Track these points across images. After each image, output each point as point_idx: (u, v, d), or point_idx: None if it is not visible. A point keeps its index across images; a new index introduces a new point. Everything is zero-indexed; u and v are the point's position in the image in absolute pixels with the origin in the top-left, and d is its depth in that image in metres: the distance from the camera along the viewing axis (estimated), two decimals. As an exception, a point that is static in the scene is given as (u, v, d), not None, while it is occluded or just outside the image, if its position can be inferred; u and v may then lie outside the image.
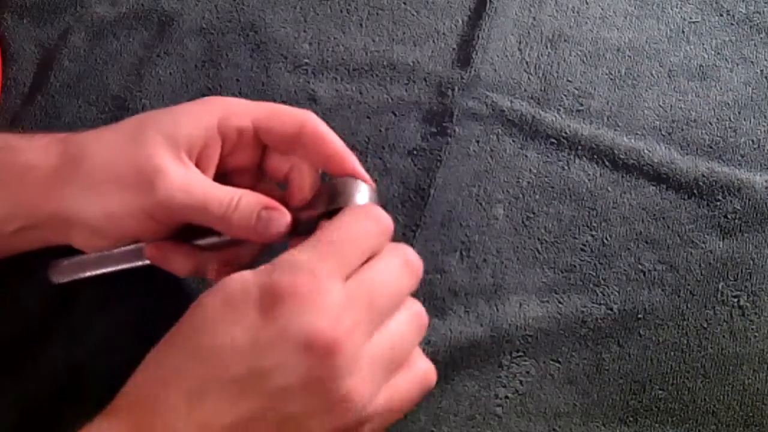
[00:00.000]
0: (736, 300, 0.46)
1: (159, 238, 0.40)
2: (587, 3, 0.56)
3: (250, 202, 0.38)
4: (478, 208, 0.49)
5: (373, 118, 0.52)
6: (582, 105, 0.52)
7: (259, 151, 0.42)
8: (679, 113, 0.52)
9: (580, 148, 0.50)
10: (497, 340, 0.45)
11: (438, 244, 0.48)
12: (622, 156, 0.50)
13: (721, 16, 0.55)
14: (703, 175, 0.49)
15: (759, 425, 0.43)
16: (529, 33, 0.54)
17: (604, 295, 0.46)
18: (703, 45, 0.54)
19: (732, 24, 0.55)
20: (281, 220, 0.39)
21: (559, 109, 0.52)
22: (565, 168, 0.50)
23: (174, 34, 0.55)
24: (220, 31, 0.55)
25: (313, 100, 0.52)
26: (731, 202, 0.48)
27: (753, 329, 0.45)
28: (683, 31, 0.55)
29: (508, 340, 0.45)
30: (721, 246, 0.47)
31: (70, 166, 0.39)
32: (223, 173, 0.41)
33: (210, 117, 0.40)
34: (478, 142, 0.51)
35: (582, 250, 0.48)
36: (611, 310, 0.46)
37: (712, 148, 0.50)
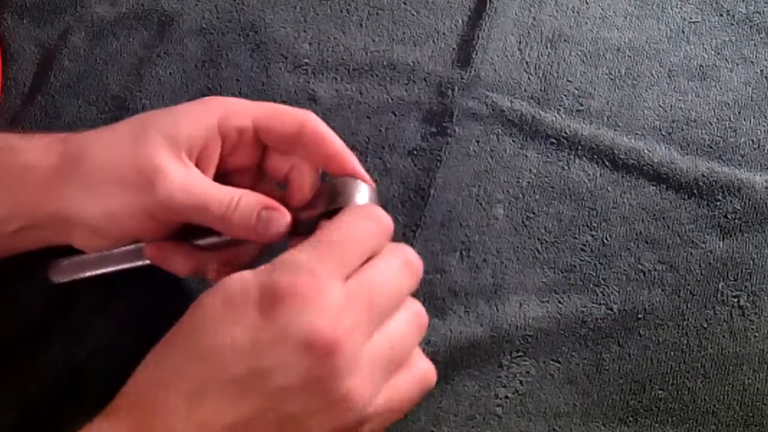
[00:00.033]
0: (736, 300, 0.46)
1: (159, 238, 0.40)
2: (587, 3, 0.56)
3: (250, 202, 0.38)
4: (478, 208, 0.49)
5: (373, 118, 0.52)
6: (582, 105, 0.52)
7: (259, 151, 0.42)
8: (679, 113, 0.52)
9: (580, 148, 0.50)
10: (497, 340, 0.45)
11: (438, 244, 0.48)
12: (622, 156, 0.50)
13: (721, 16, 0.55)
14: (703, 175, 0.49)
15: (759, 425, 0.43)
16: (529, 33, 0.54)
17: (604, 295, 0.46)
18: (703, 45, 0.54)
19: (732, 24, 0.55)
20: (281, 220, 0.39)
21: (559, 109, 0.52)
22: (565, 168, 0.50)
23: (174, 34, 0.55)
24: (220, 31, 0.55)
25: (313, 100, 0.52)
26: (731, 202, 0.48)
27: (753, 329, 0.45)
28: (683, 31, 0.55)
29: (508, 340, 0.45)
30: (721, 246, 0.47)
31: (70, 165, 0.39)
32: (223, 173, 0.41)
33: (210, 117, 0.40)
34: (478, 142, 0.51)
35: (582, 250, 0.48)
36: (611, 310, 0.46)
37: (712, 148, 0.50)
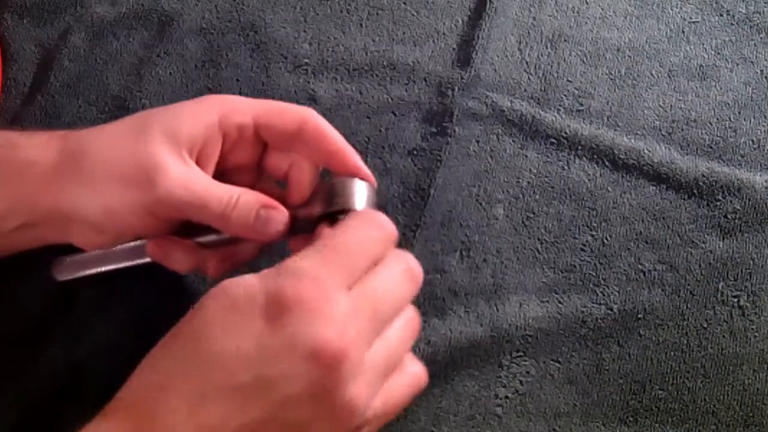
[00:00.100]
0: (736, 300, 0.46)
1: (159, 235, 0.41)
2: (587, 3, 0.56)
3: (248, 200, 0.38)
4: (478, 208, 0.49)
5: (373, 118, 0.52)
6: (582, 105, 0.52)
7: (259, 149, 0.42)
8: (679, 113, 0.52)
9: (580, 148, 0.50)
10: (497, 340, 0.45)
11: (438, 244, 0.48)
12: (622, 156, 0.50)
13: (721, 16, 0.55)
14: (703, 175, 0.49)
15: (759, 425, 0.43)
16: (529, 33, 0.54)
17: (604, 295, 0.46)
18: (703, 45, 0.54)
19: (732, 24, 0.55)
20: (279, 219, 0.39)
21: (559, 109, 0.52)
22: (565, 168, 0.50)
23: (174, 34, 0.55)
24: (220, 31, 0.55)
25: (313, 100, 0.52)
26: (731, 202, 0.48)
27: (753, 329, 0.45)
28: (683, 31, 0.55)
29: (508, 340, 0.45)
30: (721, 246, 0.47)
31: (71, 162, 0.39)
32: (222, 171, 0.41)
33: (211, 114, 0.40)
34: (478, 142, 0.51)
35: (582, 250, 0.48)
36: (611, 310, 0.46)
37: (712, 148, 0.50)
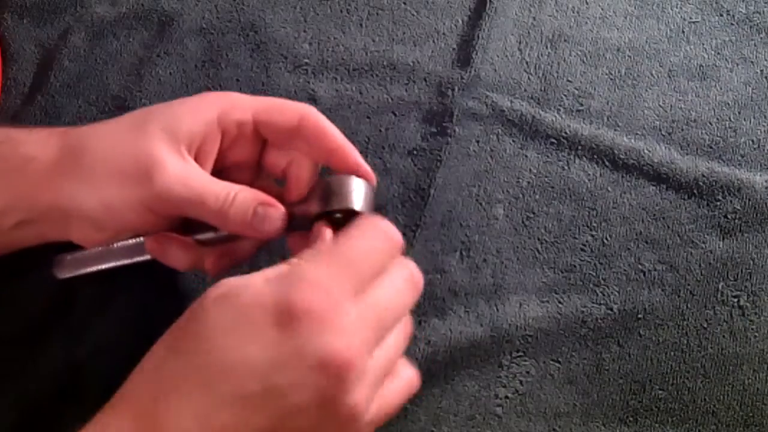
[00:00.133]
0: (736, 300, 0.46)
1: (158, 232, 0.41)
2: (587, 3, 0.56)
3: (246, 197, 0.38)
4: (478, 208, 0.49)
5: (373, 118, 0.52)
6: (582, 105, 0.52)
7: (258, 146, 0.42)
8: (679, 113, 0.52)
9: (580, 148, 0.50)
10: (497, 340, 0.45)
11: (438, 244, 0.48)
12: (622, 156, 0.50)
13: (721, 16, 0.55)
14: (703, 175, 0.49)
15: (759, 425, 0.43)
16: (529, 33, 0.54)
17: (604, 295, 0.46)
18: (703, 45, 0.54)
19: (732, 24, 0.55)
20: (277, 216, 0.39)
21: (559, 109, 0.52)
22: (565, 168, 0.50)
23: (174, 34, 0.55)
24: (220, 31, 0.55)
25: (313, 100, 0.52)
26: (731, 202, 0.48)
27: (753, 329, 0.45)
28: (683, 31, 0.55)
29: (508, 340, 0.45)
30: (721, 246, 0.47)
31: (70, 157, 0.39)
32: (221, 168, 0.41)
33: (210, 111, 0.40)
34: (478, 142, 0.51)
35: (582, 250, 0.48)
36: (611, 310, 0.46)
37: (712, 148, 0.50)
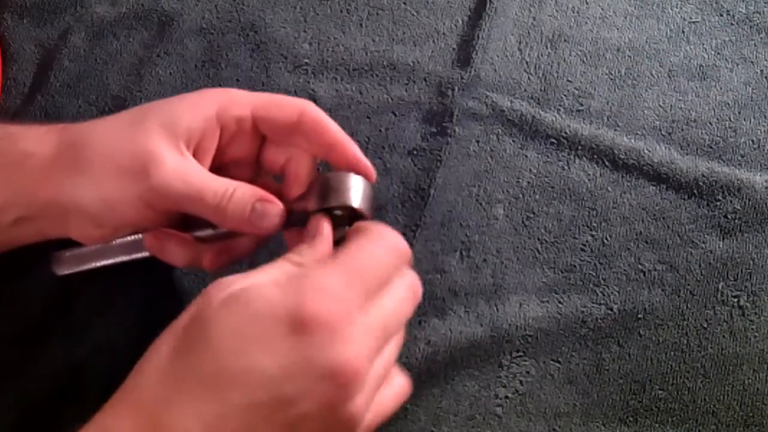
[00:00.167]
0: (736, 300, 0.46)
1: (156, 228, 0.41)
2: (587, 3, 0.56)
3: (245, 193, 0.38)
4: (478, 208, 0.49)
5: (373, 118, 0.52)
6: (582, 105, 0.52)
7: (257, 143, 0.42)
8: (679, 113, 0.52)
9: (580, 148, 0.50)
10: (497, 340, 0.45)
11: (438, 244, 0.48)
12: (622, 156, 0.50)
13: (721, 16, 0.55)
14: (703, 175, 0.49)
15: (759, 425, 0.43)
16: (529, 33, 0.54)
17: (604, 295, 0.46)
18: (703, 45, 0.54)
19: (732, 24, 0.55)
20: (275, 212, 0.39)
21: (559, 109, 0.52)
22: (565, 168, 0.50)
23: (174, 34, 0.55)
24: (220, 31, 0.55)
25: (313, 100, 0.52)
26: (731, 202, 0.48)
27: (753, 329, 0.45)
28: (683, 31, 0.55)
29: (508, 340, 0.45)
30: (721, 246, 0.47)
31: (69, 153, 0.39)
32: (220, 165, 0.41)
33: (209, 107, 0.40)
34: (478, 142, 0.51)
35: (582, 250, 0.48)
36: (611, 310, 0.46)
37: (712, 148, 0.50)
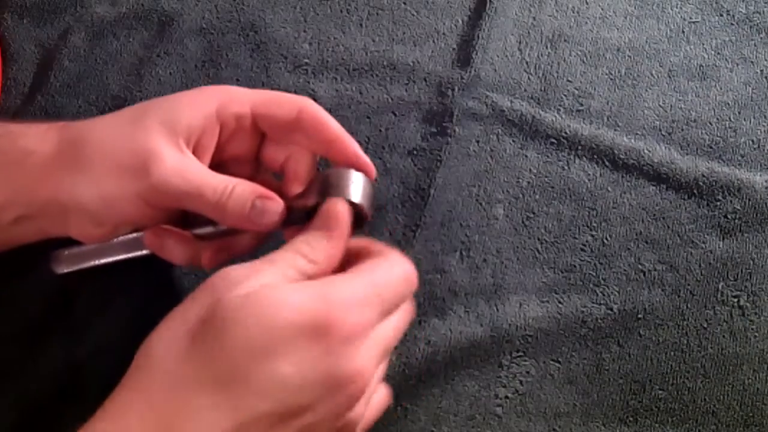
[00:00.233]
0: (736, 300, 0.46)
1: (156, 225, 0.41)
2: (587, 3, 0.56)
3: (244, 190, 0.38)
4: (478, 208, 0.49)
5: (373, 118, 0.52)
6: (582, 105, 0.52)
7: (257, 140, 0.42)
8: (679, 113, 0.52)
9: (580, 148, 0.50)
10: (497, 340, 0.45)
11: (438, 244, 0.48)
12: (622, 156, 0.50)
13: (721, 16, 0.55)
14: (703, 175, 0.49)
15: (759, 425, 0.43)
16: (529, 33, 0.54)
17: (604, 295, 0.46)
18: (703, 45, 0.54)
19: (732, 24, 0.55)
20: (275, 209, 0.39)
21: (559, 109, 0.52)
22: (565, 168, 0.50)
23: (174, 34, 0.55)
24: (220, 31, 0.55)
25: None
26: (731, 202, 0.48)
27: (753, 329, 0.45)
28: (683, 31, 0.55)
29: (508, 340, 0.45)
30: (721, 246, 0.47)
31: (69, 151, 0.39)
32: (219, 162, 0.41)
33: (209, 104, 0.40)
34: (478, 142, 0.51)
35: (582, 250, 0.48)
36: (611, 310, 0.46)
37: (712, 148, 0.50)
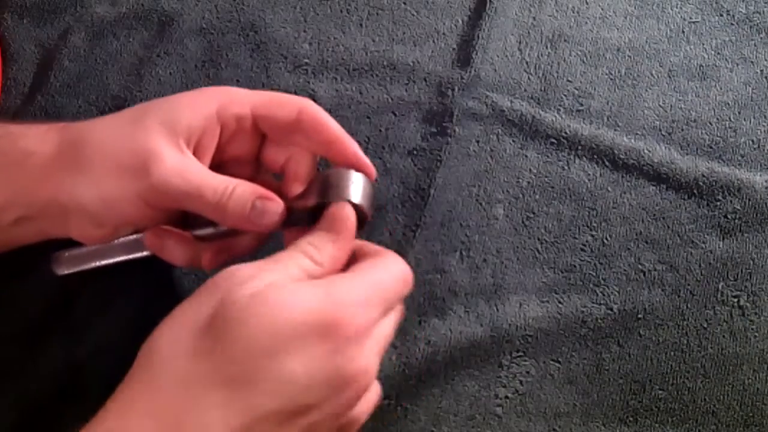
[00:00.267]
0: (736, 300, 0.46)
1: (156, 226, 0.41)
2: (587, 3, 0.56)
3: (245, 191, 0.38)
4: (478, 208, 0.49)
5: (373, 118, 0.52)
6: (582, 105, 0.52)
7: (257, 141, 0.42)
8: (679, 113, 0.52)
9: (580, 148, 0.50)
10: (497, 340, 0.45)
11: (438, 244, 0.48)
12: (622, 156, 0.50)
13: (721, 16, 0.55)
14: (703, 175, 0.49)
15: (759, 425, 0.43)
16: (529, 33, 0.54)
17: (604, 295, 0.46)
18: (703, 45, 0.54)
19: (732, 24, 0.55)
20: (275, 210, 0.39)
21: (559, 109, 0.52)
22: (565, 168, 0.50)
23: (174, 34, 0.55)
24: (220, 31, 0.55)
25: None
26: (731, 202, 0.48)
27: (753, 329, 0.45)
28: (683, 31, 0.55)
29: (508, 340, 0.45)
30: (721, 246, 0.47)
31: (69, 152, 0.39)
32: (220, 163, 0.41)
33: (209, 105, 0.40)
34: (478, 142, 0.51)
35: (582, 250, 0.48)
36: (611, 310, 0.46)
37: (712, 148, 0.50)
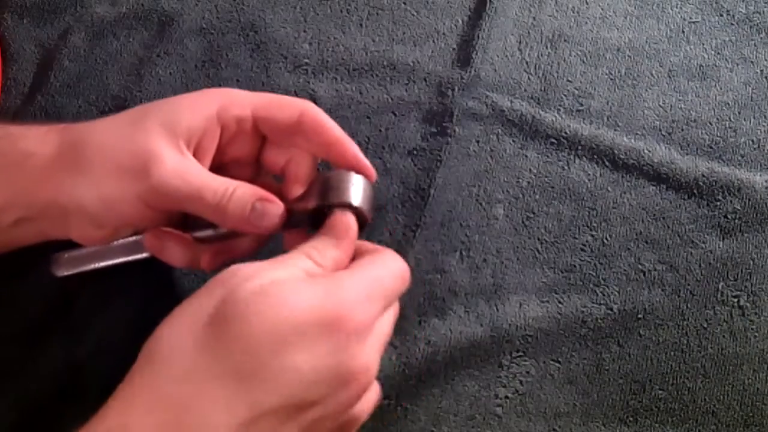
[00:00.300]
0: (736, 300, 0.46)
1: (156, 228, 0.41)
2: (587, 3, 0.56)
3: (245, 192, 0.38)
4: (478, 208, 0.49)
5: (373, 118, 0.52)
6: (582, 105, 0.52)
7: (258, 143, 0.42)
8: (679, 113, 0.52)
9: (580, 148, 0.50)
10: (497, 340, 0.45)
11: (438, 244, 0.48)
12: (622, 156, 0.50)
13: (721, 16, 0.55)
14: (703, 175, 0.49)
15: (759, 425, 0.43)
16: (529, 33, 0.54)
17: (604, 295, 0.46)
18: (703, 45, 0.54)
19: (732, 24, 0.55)
20: (275, 212, 0.39)
21: (559, 109, 0.52)
22: (565, 168, 0.50)
23: (174, 34, 0.55)
24: (220, 31, 0.55)
25: (313, 100, 0.52)
26: (731, 202, 0.48)
27: (753, 329, 0.45)
28: (683, 31, 0.55)
29: (508, 340, 0.45)
30: (721, 246, 0.47)
31: (69, 153, 0.39)
32: (220, 165, 0.41)
33: (209, 107, 0.40)
34: (478, 142, 0.51)
35: (582, 250, 0.48)
36: (611, 310, 0.46)
37: (712, 148, 0.50)
